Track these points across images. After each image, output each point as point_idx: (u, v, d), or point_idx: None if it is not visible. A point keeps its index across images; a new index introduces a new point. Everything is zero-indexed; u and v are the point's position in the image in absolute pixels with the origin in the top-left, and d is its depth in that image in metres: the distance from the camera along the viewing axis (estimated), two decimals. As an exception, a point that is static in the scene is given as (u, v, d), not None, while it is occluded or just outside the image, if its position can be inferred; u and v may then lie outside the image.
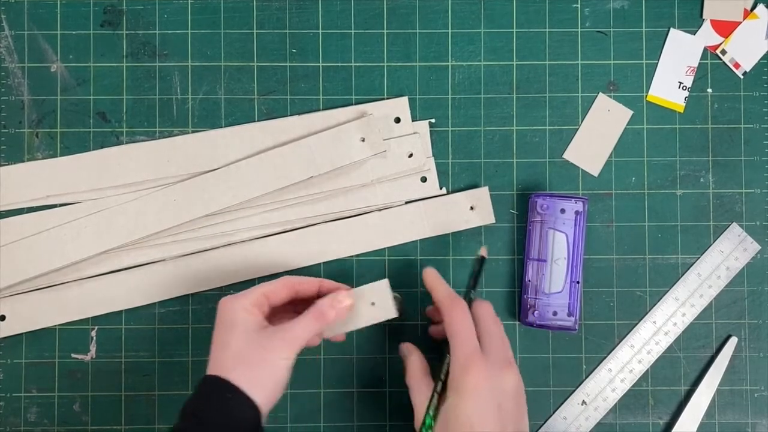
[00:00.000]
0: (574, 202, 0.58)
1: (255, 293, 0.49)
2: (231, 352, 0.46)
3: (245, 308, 0.48)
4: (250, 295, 0.49)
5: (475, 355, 0.47)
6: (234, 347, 0.46)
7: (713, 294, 0.60)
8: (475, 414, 0.45)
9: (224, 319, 0.48)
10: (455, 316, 0.49)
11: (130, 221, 0.57)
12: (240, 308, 0.48)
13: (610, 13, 0.61)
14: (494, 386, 0.46)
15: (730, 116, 0.61)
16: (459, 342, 0.48)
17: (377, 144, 0.58)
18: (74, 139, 0.60)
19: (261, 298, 0.49)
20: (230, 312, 0.48)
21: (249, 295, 0.49)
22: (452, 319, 0.49)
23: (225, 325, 0.48)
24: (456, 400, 0.46)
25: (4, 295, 0.58)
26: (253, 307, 0.49)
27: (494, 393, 0.46)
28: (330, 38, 0.60)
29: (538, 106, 0.61)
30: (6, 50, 0.60)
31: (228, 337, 0.47)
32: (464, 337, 0.48)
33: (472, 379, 0.46)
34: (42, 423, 0.59)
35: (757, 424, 0.60)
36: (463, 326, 0.49)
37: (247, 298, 0.49)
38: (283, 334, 0.47)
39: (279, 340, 0.47)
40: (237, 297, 0.49)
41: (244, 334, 0.47)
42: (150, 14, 0.60)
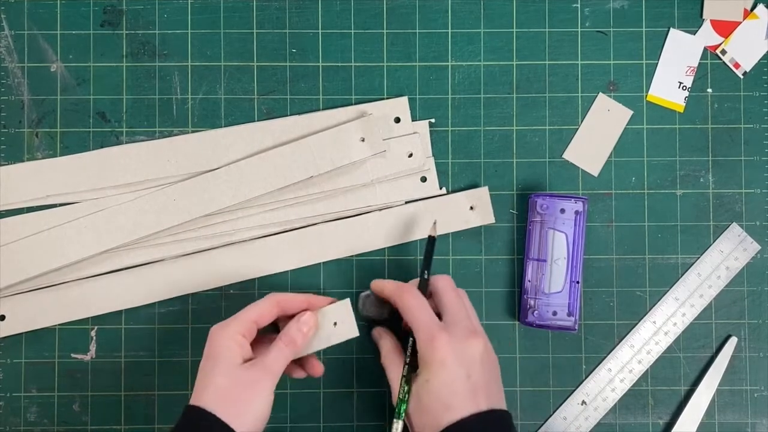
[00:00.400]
0: (574, 202, 0.58)
1: (245, 321, 0.50)
2: (214, 387, 0.47)
3: (233, 338, 0.49)
4: (239, 322, 0.50)
5: (435, 329, 0.48)
6: (218, 383, 0.47)
7: (713, 294, 0.60)
8: (444, 386, 0.47)
9: (211, 351, 0.49)
10: (406, 300, 0.51)
11: (130, 221, 0.57)
12: (228, 338, 0.49)
13: (610, 13, 0.61)
14: (460, 356, 0.47)
15: (730, 116, 0.61)
16: (418, 320, 0.49)
17: (377, 144, 0.58)
18: (74, 139, 0.60)
19: (250, 325, 0.50)
20: (217, 344, 0.49)
21: (239, 322, 0.50)
22: (405, 303, 0.50)
23: (211, 358, 0.49)
24: (426, 375, 0.48)
25: (4, 295, 0.58)
26: (242, 336, 0.49)
27: (461, 363, 0.47)
28: (330, 38, 0.60)
29: (538, 106, 0.61)
30: (6, 50, 0.60)
31: (213, 372, 0.48)
32: (421, 314, 0.49)
33: (438, 353, 0.47)
34: (42, 423, 0.59)
35: (757, 424, 0.60)
36: (417, 304, 0.50)
37: (236, 326, 0.49)
38: (263, 368, 0.48)
39: (260, 373, 0.48)
40: (227, 325, 0.50)
41: (227, 370, 0.48)
42: (150, 14, 0.60)
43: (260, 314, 0.51)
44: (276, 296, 0.52)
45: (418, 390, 0.48)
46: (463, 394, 0.47)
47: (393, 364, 0.52)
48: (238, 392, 0.47)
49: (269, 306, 0.51)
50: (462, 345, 0.48)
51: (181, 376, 0.59)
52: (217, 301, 0.59)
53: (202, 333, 0.58)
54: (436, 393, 0.47)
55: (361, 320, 0.53)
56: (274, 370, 0.49)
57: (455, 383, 0.47)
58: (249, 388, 0.47)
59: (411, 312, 0.50)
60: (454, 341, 0.48)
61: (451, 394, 0.47)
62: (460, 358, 0.47)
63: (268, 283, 0.59)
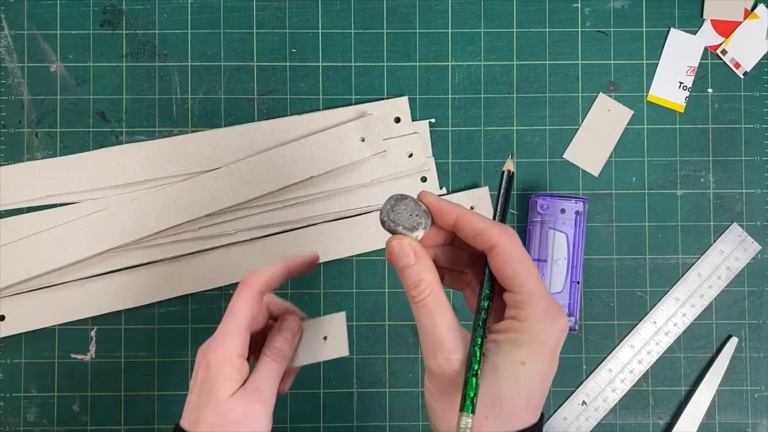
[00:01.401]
0: (574, 202, 0.58)
1: (242, 336, 0.43)
2: (207, 420, 0.41)
3: (232, 363, 0.42)
4: (238, 341, 0.42)
5: (554, 304, 0.36)
6: (211, 421, 0.41)
7: (713, 294, 0.60)
8: (540, 379, 0.35)
9: (207, 381, 0.42)
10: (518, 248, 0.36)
11: (130, 221, 0.57)
12: (227, 363, 0.42)
13: (610, 13, 0.61)
14: (560, 341, 0.36)
15: (730, 116, 0.61)
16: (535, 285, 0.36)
17: (377, 144, 0.58)
18: (74, 139, 0.60)
19: (246, 339, 0.43)
20: (215, 373, 0.42)
21: (237, 341, 0.42)
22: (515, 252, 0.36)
23: (205, 390, 0.42)
24: (523, 356, 0.35)
25: (4, 295, 0.58)
26: (241, 359, 0.42)
27: (558, 349, 0.36)
28: (330, 38, 0.60)
29: (538, 106, 0.61)
30: (5, 50, 0.60)
31: (206, 407, 0.41)
32: (538, 278, 0.36)
33: (553, 337, 0.35)
34: (41, 423, 0.59)
35: (758, 424, 0.60)
36: (531, 263, 0.36)
37: (236, 347, 0.42)
38: (256, 396, 0.42)
39: (253, 404, 0.42)
40: (220, 347, 0.42)
41: (220, 406, 0.41)
42: (150, 14, 0.60)
43: (252, 319, 0.43)
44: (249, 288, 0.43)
45: (501, 371, 0.35)
46: (543, 396, 0.36)
47: (443, 305, 0.36)
48: (234, 426, 0.41)
49: (253, 303, 0.43)
50: (563, 330, 0.36)
51: (180, 376, 0.59)
52: (216, 301, 0.59)
53: (201, 333, 0.59)
54: (529, 384, 0.35)
55: (382, 225, 0.38)
56: (268, 394, 0.43)
57: (546, 380, 0.36)
58: (244, 423, 0.41)
59: (528, 270, 0.36)
60: (563, 325, 0.36)
61: (540, 391, 0.35)
62: (560, 344, 0.36)
63: (268, 283, 0.59)
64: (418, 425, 0.59)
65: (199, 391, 0.42)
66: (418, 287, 0.36)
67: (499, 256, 0.36)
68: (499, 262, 0.36)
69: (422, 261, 0.37)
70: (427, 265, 0.37)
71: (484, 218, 0.37)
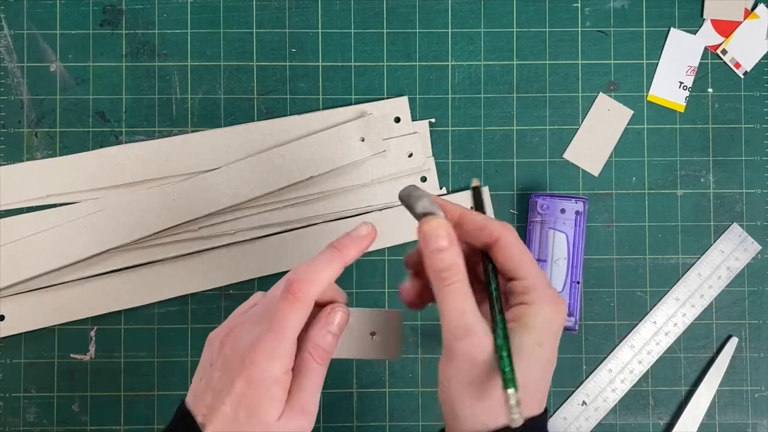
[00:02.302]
0: (574, 202, 0.58)
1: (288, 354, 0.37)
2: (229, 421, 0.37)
3: (278, 381, 0.37)
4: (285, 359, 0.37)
5: (555, 292, 0.37)
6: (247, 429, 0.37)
7: (714, 294, 0.60)
8: (553, 358, 0.37)
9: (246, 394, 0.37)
10: (515, 240, 0.38)
11: (130, 221, 0.57)
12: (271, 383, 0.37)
13: (610, 13, 0.61)
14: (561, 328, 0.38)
15: (730, 116, 0.61)
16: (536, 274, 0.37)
17: (377, 144, 0.58)
18: (73, 139, 0.60)
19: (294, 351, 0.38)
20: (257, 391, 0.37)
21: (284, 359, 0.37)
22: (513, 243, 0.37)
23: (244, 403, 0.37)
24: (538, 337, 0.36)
25: (4, 295, 0.58)
26: (287, 376, 0.38)
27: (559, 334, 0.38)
28: (330, 38, 0.60)
29: (538, 106, 0.61)
30: (5, 50, 0.60)
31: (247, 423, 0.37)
32: (538, 268, 0.38)
33: (558, 322, 0.37)
34: (41, 423, 0.59)
35: (758, 424, 0.60)
36: (528, 253, 0.38)
37: (282, 365, 0.37)
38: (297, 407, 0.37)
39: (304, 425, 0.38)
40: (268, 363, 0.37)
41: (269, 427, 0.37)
42: (149, 14, 0.60)
43: (301, 327, 0.38)
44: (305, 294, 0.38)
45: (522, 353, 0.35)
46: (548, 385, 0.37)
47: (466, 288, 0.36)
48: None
49: (308, 310, 0.38)
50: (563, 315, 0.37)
51: (180, 376, 0.59)
52: (216, 301, 0.59)
53: (201, 333, 0.58)
54: (545, 367, 0.36)
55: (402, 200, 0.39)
56: (314, 411, 0.38)
57: (551, 368, 0.37)
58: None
59: (529, 261, 0.37)
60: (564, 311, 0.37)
61: (548, 378, 0.37)
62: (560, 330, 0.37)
63: (268, 283, 0.59)
64: (418, 425, 0.59)
65: (237, 406, 0.37)
66: (450, 270, 0.36)
67: (503, 247, 0.37)
68: (504, 253, 0.37)
69: (455, 245, 0.37)
70: (459, 250, 0.37)
71: (484, 215, 0.38)
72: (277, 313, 0.37)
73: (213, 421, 0.37)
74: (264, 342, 0.37)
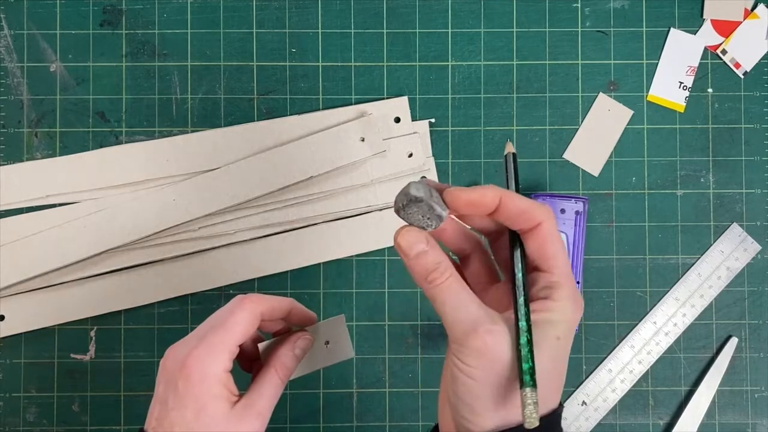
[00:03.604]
0: (574, 202, 0.58)
1: (230, 351, 0.39)
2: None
3: (220, 380, 0.39)
4: (226, 355, 0.39)
5: (576, 288, 0.36)
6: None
7: (713, 294, 0.60)
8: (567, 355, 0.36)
9: (187, 393, 0.38)
10: (553, 223, 0.36)
11: (130, 221, 0.57)
12: (213, 382, 0.38)
13: (610, 13, 0.61)
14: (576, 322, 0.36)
15: (730, 116, 0.61)
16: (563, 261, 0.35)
17: (377, 144, 0.58)
18: (73, 139, 0.60)
19: (235, 351, 0.40)
20: (200, 389, 0.38)
21: (225, 355, 0.39)
22: (551, 229, 0.35)
23: (187, 403, 0.38)
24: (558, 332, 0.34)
25: (4, 295, 0.58)
26: (227, 375, 0.39)
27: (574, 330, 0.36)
28: (330, 38, 0.60)
29: (538, 106, 0.61)
30: (5, 50, 0.60)
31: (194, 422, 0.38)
32: (567, 263, 0.36)
33: (578, 314, 0.35)
34: (41, 423, 0.59)
35: (758, 424, 0.60)
36: (561, 245, 0.36)
37: (226, 361, 0.39)
38: (257, 416, 0.40)
39: (255, 423, 0.39)
40: (209, 360, 0.39)
41: (218, 425, 0.38)
42: (149, 14, 0.60)
43: (245, 335, 0.40)
44: (256, 305, 0.41)
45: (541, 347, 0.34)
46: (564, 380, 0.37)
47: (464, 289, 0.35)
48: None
49: (253, 320, 0.40)
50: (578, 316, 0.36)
51: (180, 376, 0.59)
52: (217, 301, 0.59)
53: (201, 333, 0.58)
54: (561, 363, 0.35)
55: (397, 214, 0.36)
56: (267, 415, 0.40)
57: (565, 364, 0.36)
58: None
59: (560, 246, 0.35)
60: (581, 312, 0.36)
61: (564, 372, 0.36)
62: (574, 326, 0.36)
63: (268, 283, 0.59)
64: (418, 425, 0.59)
65: (183, 408, 0.38)
66: (437, 269, 0.35)
67: (542, 235, 0.35)
68: (541, 242, 0.35)
69: (435, 246, 0.35)
70: (440, 250, 0.35)
71: (526, 198, 0.36)
72: (225, 316, 0.40)
73: (153, 423, 0.39)
74: (205, 339, 0.39)
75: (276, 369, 0.42)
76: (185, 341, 0.40)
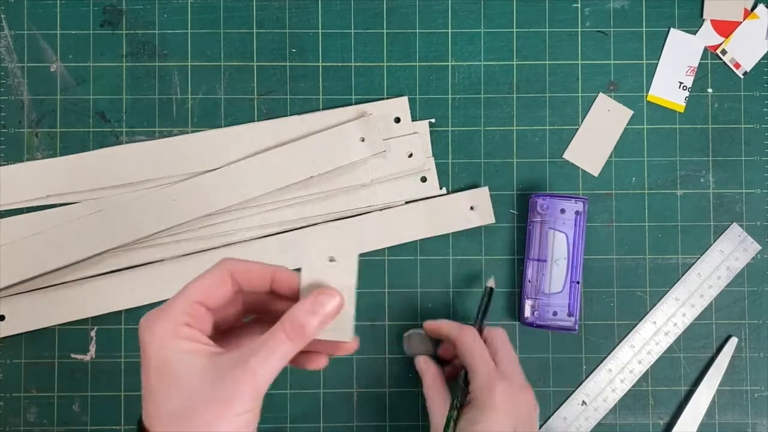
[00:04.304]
0: (574, 202, 0.58)
1: (183, 303, 0.34)
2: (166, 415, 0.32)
3: (176, 333, 0.33)
4: (176, 308, 0.34)
5: (495, 376, 0.48)
6: (168, 408, 0.32)
7: (713, 294, 0.60)
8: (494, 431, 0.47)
9: (147, 360, 0.33)
10: (468, 341, 0.50)
11: (130, 221, 0.57)
12: (169, 336, 0.33)
13: (610, 13, 0.61)
14: (513, 407, 0.48)
15: (730, 116, 0.61)
16: (478, 362, 0.49)
17: (377, 144, 0.58)
18: (74, 139, 0.60)
19: (195, 308, 0.34)
20: (152, 348, 0.33)
21: (175, 308, 0.34)
22: (466, 345, 0.50)
23: (154, 370, 0.33)
24: (477, 416, 0.47)
25: (4, 295, 0.58)
26: (187, 328, 0.33)
27: (513, 413, 0.47)
28: (330, 38, 0.60)
29: (538, 106, 0.61)
30: (5, 50, 0.60)
31: (159, 391, 0.32)
32: (482, 358, 0.49)
33: (497, 397, 0.47)
34: (41, 423, 0.59)
35: (758, 424, 0.60)
36: (479, 348, 0.50)
37: (174, 315, 0.33)
38: (241, 373, 0.32)
39: (235, 385, 0.32)
40: (160, 316, 0.33)
41: (183, 384, 0.32)
42: (149, 14, 0.60)
43: (207, 291, 0.34)
44: (229, 263, 0.35)
45: (465, 427, 0.48)
46: None
47: (437, 396, 0.51)
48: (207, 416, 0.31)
49: (219, 277, 0.35)
50: (516, 398, 0.48)
51: (180, 376, 0.59)
52: (217, 301, 0.59)
53: (201, 333, 0.58)
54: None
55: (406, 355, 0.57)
56: (259, 375, 0.32)
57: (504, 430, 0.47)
58: (223, 409, 0.31)
59: (472, 354, 0.50)
60: (510, 392, 0.48)
61: None
62: (513, 409, 0.47)
63: (268, 283, 0.59)
64: (418, 425, 0.59)
65: (146, 377, 0.33)
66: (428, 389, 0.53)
67: (459, 350, 0.51)
68: (461, 356, 0.51)
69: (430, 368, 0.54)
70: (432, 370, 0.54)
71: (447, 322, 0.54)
72: None
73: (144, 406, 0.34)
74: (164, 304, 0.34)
75: (283, 326, 0.33)
76: None
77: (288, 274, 0.36)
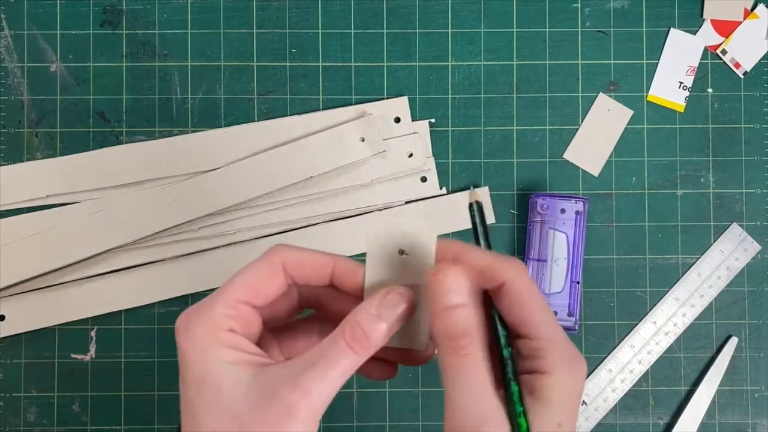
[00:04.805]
0: (574, 202, 0.58)
1: (226, 302, 0.29)
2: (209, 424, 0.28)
3: (218, 340, 0.28)
4: (218, 308, 0.29)
5: (575, 349, 0.30)
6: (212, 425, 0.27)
7: (713, 294, 0.60)
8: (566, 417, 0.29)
9: (189, 367, 0.29)
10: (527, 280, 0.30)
11: (130, 221, 0.57)
12: (210, 343, 0.28)
13: (610, 13, 0.61)
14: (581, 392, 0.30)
15: (730, 116, 0.61)
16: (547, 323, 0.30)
17: (377, 144, 0.58)
18: (74, 139, 0.60)
19: (240, 309, 0.30)
20: (196, 353, 0.28)
21: (217, 309, 0.29)
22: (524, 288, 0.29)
23: (192, 381, 0.28)
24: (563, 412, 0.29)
25: (4, 295, 0.58)
26: (230, 334, 0.29)
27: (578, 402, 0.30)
28: (330, 38, 0.60)
29: (538, 106, 0.61)
30: (5, 50, 0.60)
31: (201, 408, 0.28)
32: (551, 318, 0.30)
33: (578, 384, 0.29)
34: (41, 423, 0.59)
35: (758, 424, 0.60)
36: (541, 301, 0.30)
37: (216, 318, 0.29)
38: (293, 396, 0.28)
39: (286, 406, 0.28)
40: (200, 317, 0.29)
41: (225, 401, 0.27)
42: (149, 14, 0.60)
43: (254, 287, 0.30)
44: (281, 253, 0.30)
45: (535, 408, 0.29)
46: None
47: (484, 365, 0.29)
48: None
49: (269, 270, 0.30)
50: (583, 378, 0.30)
51: (180, 376, 0.59)
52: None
53: (201, 333, 0.58)
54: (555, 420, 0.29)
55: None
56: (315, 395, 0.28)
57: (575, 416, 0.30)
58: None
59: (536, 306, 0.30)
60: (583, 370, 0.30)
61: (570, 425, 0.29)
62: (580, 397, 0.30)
63: (268, 283, 0.59)
64: (418, 425, 0.59)
65: (186, 391, 0.29)
66: (466, 336, 0.28)
67: (509, 295, 0.29)
68: (511, 302, 0.29)
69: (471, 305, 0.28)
70: (474, 311, 0.28)
71: (488, 252, 0.31)
72: None
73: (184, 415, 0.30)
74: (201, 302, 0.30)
75: (344, 334, 0.29)
76: None
77: (352, 267, 0.31)
